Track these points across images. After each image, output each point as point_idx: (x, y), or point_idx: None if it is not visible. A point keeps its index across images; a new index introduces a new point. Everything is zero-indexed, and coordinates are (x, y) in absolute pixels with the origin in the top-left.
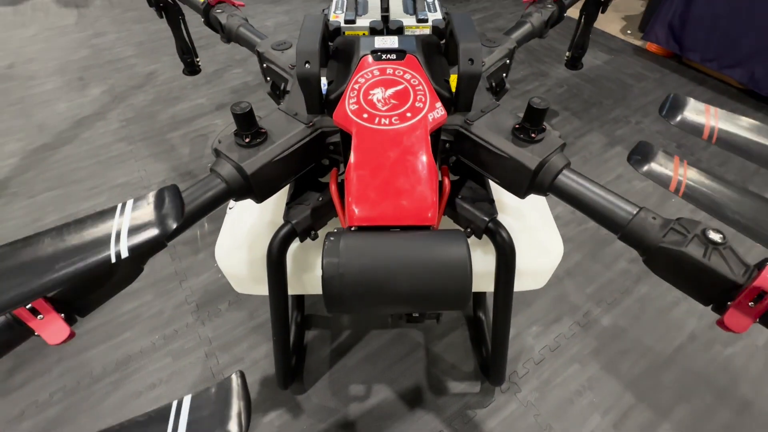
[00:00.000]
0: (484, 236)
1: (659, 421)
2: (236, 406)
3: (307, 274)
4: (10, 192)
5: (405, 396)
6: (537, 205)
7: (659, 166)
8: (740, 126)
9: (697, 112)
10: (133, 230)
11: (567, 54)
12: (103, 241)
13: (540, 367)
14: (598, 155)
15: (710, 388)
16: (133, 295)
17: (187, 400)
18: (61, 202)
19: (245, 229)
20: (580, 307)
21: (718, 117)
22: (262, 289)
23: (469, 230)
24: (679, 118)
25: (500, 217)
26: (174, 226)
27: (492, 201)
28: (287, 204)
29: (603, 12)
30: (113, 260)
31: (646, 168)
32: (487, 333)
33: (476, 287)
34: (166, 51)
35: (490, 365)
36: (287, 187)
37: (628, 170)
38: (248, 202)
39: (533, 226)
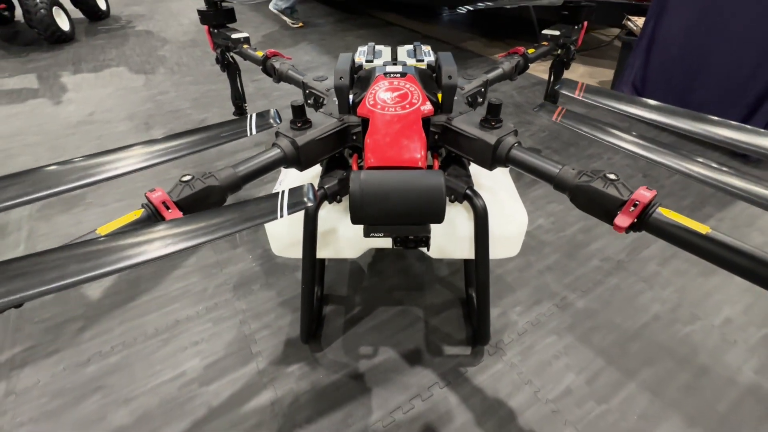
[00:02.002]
0: (469, 211)
1: (626, 381)
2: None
3: (330, 236)
4: (87, 202)
5: (407, 356)
6: (505, 184)
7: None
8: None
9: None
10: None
11: (544, 94)
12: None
13: (522, 337)
14: None
15: (672, 357)
16: (183, 277)
17: (285, 192)
18: (127, 210)
19: None
20: (558, 293)
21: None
22: (296, 251)
23: (453, 197)
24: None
25: None
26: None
27: (469, 176)
28: (321, 176)
29: (567, 69)
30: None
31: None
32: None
33: (461, 252)
34: (214, 104)
35: (476, 325)
36: (321, 164)
37: None
38: (291, 182)
39: (502, 200)
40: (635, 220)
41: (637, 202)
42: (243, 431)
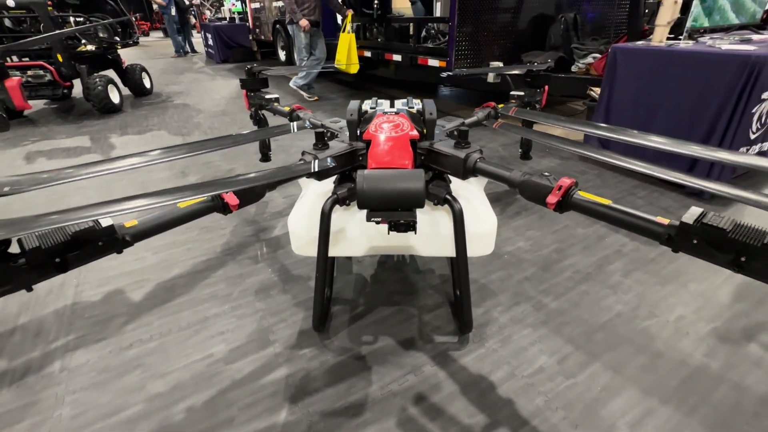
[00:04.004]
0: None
1: (591, 361)
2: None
3: (340, 235)
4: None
5: (402, 343)
6: (478, 195)
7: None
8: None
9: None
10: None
11: (519, 151)
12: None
13: (502, 329)
14: (551, 216)
15: (631, 344)
16: (211, 284)
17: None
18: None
19: (307, 208)
20: (534, 297)
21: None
22: (312, 250)
23: (436, 201)
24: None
25: None
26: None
27: (449, 186)
28: (334, 186)
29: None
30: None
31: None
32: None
33: (445, 250)
34: (240, 158)
35: (461, 316)
36: (335, 178)
37: (572, 222)
38: (312, 193)
39: (475, 206)
40: (561, 199)
41: (561, 186)
42: (261, 398)
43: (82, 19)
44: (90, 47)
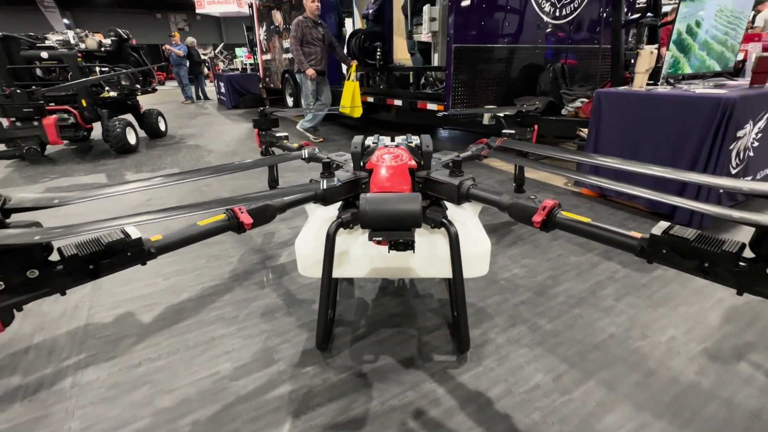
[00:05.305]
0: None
1: (586, 379)
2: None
3: (344, 257)
4: None
5: (403, 362)
6: (472, 219)
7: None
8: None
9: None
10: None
11: (513, 185)
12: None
13: (499, 349)
14: (546, 245)
15: (624, 363)
16: (219, 307)
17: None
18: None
19: (314, 231)
20: (529, 319)
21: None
22: (317, 271)
23: (433, 224)
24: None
25: None
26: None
27: (444, 210)
28: (339, 211)
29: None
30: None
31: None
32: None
33: (442, 271)
34: (247, 191)
35: (459, 336)
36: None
37: (565, 251)
38: (319, 218)
39: (470, 229)
40: (546, 218)
41: (545, 207)
42: (265, 412)
43: (107, 68)
44: (112, 93)
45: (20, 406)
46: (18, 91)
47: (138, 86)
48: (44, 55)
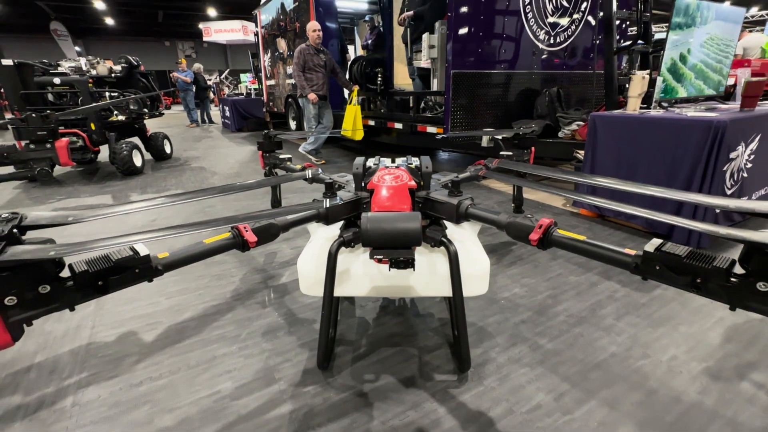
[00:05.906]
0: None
1: (588, 398)
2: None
3: (345, 276)
4: None
5: (404, 381)
6: (471, 238)
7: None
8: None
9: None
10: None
11: (512, 205)
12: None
13: (500, 369)
14: (545, 264)
15: (626, 382)
16: (221, 327)
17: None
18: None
19: (316, 250)
20: (530, 338)
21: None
22: (319, 289)
23: (432, 243)
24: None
25: None
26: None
27: (444, 229)
28: (341, 230)
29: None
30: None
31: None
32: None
33: (442, 289)
34: (248, 210)
35: (459, 355)
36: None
37: (564, 270)
38: (321, 237)
39: (469, 247)
40: (542, 236)
41: (541, 225)
42: (265, 431)
43: (116, 93)
44: (120, 117)
45: (20, 425)
46: (33, 114)
47: (146, 110)
48: (57, 80)
